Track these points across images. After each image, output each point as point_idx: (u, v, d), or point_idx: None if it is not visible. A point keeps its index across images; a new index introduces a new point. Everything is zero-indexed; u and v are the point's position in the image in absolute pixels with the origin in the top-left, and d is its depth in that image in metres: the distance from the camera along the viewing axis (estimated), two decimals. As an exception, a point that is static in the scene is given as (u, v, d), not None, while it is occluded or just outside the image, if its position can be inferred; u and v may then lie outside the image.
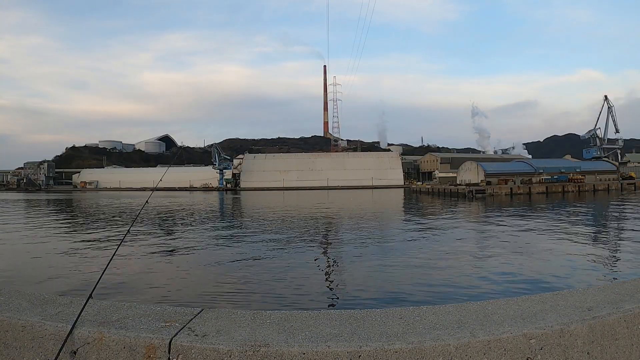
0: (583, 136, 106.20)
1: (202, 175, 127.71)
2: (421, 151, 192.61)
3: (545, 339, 1.86)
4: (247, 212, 37.81)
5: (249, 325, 1.99)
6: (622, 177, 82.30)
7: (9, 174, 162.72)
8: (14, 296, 2.43)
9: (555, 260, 11.88)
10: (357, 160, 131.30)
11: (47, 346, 1.98)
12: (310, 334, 1.88)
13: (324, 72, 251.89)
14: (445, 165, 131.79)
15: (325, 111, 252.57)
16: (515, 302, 2.23)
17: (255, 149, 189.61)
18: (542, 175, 74.12)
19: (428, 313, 2.12)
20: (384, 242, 16.68)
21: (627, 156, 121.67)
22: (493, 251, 13.47)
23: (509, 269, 10.69)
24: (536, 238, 16.51)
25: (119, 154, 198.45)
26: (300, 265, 11.75)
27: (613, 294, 2.31)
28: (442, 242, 15.87)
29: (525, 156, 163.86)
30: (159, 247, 15.66)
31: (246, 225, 24.60)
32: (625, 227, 20.74)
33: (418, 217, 29.20)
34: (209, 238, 18.07)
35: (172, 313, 2.17)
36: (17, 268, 11.82)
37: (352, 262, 12.14)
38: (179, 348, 1.81)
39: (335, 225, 24.20)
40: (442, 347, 1.77)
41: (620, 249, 14.37)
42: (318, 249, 15.35)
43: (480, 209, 34.63)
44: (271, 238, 17.61)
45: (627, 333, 2.03)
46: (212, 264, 12.09)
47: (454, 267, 11.03)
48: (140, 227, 22.16)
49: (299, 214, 31.21)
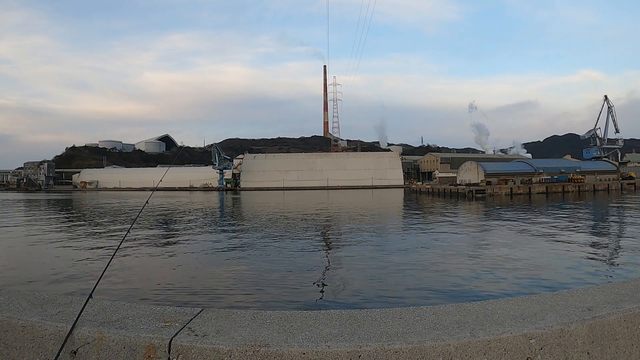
0: (583, 136, 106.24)
1: (202, 175, 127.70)
2: (421, 151, 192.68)
3: (545, 339, 1.86)
4: (247, 212, 37.81)
5: (249, 325, 1.99)
6: (622, 177, 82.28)
7: (9, 174, 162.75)
8: (14, 296, 2.43)
9: (556, 260, 11.88)
10: (357, 160, 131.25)
11: (47, 346, 1.98)
12: (310, 334, 1.88)
13: (324, 72, 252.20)
14: (445, 165, 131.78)
15: (325, 111, 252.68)
16: (515, 302, 2.23)
17: (255, 149, 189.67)
18: (542, 175, 74.14)
19: (428, 313, 2.12)
20: (384, 242, 16.68)
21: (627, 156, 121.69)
22: (493, 251, 13.47)
23: (509, 269, 10.69)
24: (536, 238, 16.51)
25: (119, 154, 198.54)
26: (300, 265, 11.75)
27: (613, 294, 2.31)
28: (443, 242, 15.87)
29: (525, 156, 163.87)
30: (159, 247, 15.66)
31: (246, 225, 24.59)
32: (625, 227, 20.74)
33: (418, 217, 29.20)
34: (208, 238, 18.06)
35: (172, 313, 2.17)
36: (16, 268, 11.82)
37: (352, 262, 12.13)
38: (179, 348, 1.81)
39: (335, 225, 24.19)
40: (442, 347, 1.77)
41: (620, 249, 14.37)
42: (318, 248, 15.35)
43: (480, 209, 34.63)
44: (271, 238, 17.61)
45: (627, 333, 2.03)
46: (212, 264, 12.09)
47: (454, 267, 11.03)
48: (140, 228, 22.16)
49: (299, 214, 31.21)
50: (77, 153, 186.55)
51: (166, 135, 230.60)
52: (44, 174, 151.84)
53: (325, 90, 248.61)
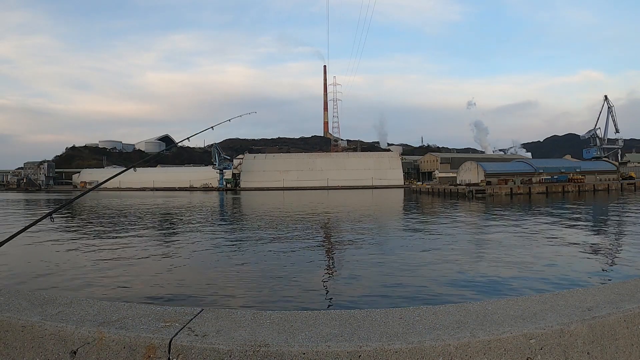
0: (583, 136, 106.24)
1: (202, 175, 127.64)
2: (421, 151, 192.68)
3: (545, 339, 1.86)
4: (247, 212, 37.81)
5: (249, 325, 1.99)
6: (622, 177, 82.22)
7: (9, 174, 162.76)
8: (14, 296, 2.42)
9: (556, 260, 11.88)
10: (357, 160, 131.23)
11: (47, 346, 1.98)
12: (310, 334, 1.87)
13: (324, 72, 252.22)
14: (445, 165, 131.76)
15: (325, 111, 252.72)
16: (515, 302, 2.23)
17: (255, 149, 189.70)
18: (542, 175, 74.11)
19: (428, 313, 2.11)
20: (383, 243, 16.68)
21: (627, 156, 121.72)
22: (493, 251, 13.47)
23: (509, 269, 10.69)
24: (536, 238, 16.50)
25: (119, 154, 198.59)
26: (300, 265, 11.74)
27: (613, 294, 2.31)
28: (442, 242, 15.87)
29: (525, 156, 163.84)
30: (159, 247, 15.67)
31: (246, 225, 24.59)
32: (625, 227, 20.74)
33: (418, 217, 29.20)
34: (208, 238, 18.06)
35: (172, 313, 2.17)
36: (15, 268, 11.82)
37: (351, 263, 12.13)
38: (179, 348, 1.81)
39: (335, 225, 24.19)
40: (442, 347, 1.77)
41: (620, 249, 14.36)
42: (318, 249, 15.35)
43: (480, 209, 34.62)
44: (271, 238, 17.60)
45: (627, 333, 2.03)
46: (211, 265, 12.09)
47: (454, 268, 11.03)
48: (140, 228, 22.17)
49: (299, 214, 31.21)
50: (77, 153, 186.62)
51: (166, 135, 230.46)
52: (44, 174, 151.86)
53: (325, 90, 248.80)
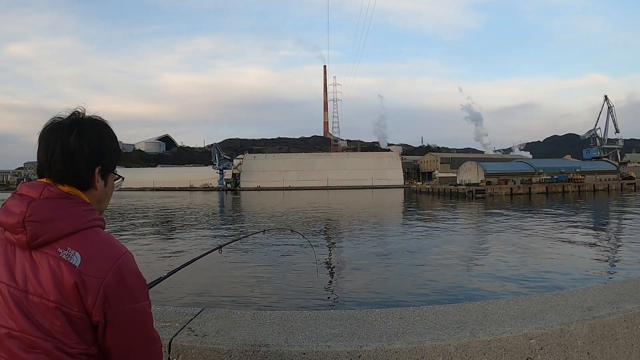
0: (583, 136, 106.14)
1: (202, 175, 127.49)
2: (421, 151, 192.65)
3: (545, 339, 1.86)
4: (247, 212, 37.80)
5: (249, 325, 1.99)
6: (622, 177, 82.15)
7: (9, 174, 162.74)
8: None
9: (556, 260, 11.88)
10: (357, 160, 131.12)
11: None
12: (310, 334, 1.87)
13: (324, 72, 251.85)
14: (445, 165, 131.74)
15: (325, 111, 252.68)
16: (515, 302, 2.22)
17: (255, 149, 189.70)
18: (542, 175, 74.06)
19: (428, 313, 2.11)
20: (383, 243, 16.68)
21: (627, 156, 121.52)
22: (493, 252, 13.47)
23: (509, 269, 10.69)
24: (536, 238, 16.51)
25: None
26: (300, 265, 11.74)
27: (613, 294, 2.31)
28: (442, 243, 15.87)
29: (526, 156, 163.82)
30: (159, 247, 15.66)
31: (246, 225, 24.59)
32: (625, 227, 20.74)
33: (418, 217, 29.19)
34: (208, 237, 18.06)
35: (172, 313, 2.17)
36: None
37: (352, 262, 12.13)
38: (179, 348, 1.81)
39: (335, 225, 24.19)
40: (442, 347, 1.77)
41: (620, 249, 14.36)
42: (318, 249, 15.35)
43: (480, 209, 34.61)
44: (271, 239, 17.60)
45: (627, 333, 2.03)
46: (211, 264, 12.08)
47: (453, 268, 11.03)
48: (140, 228, 22.17)
49: (299, 214, 31.20)
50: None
51: (166, 135, 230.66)
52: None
53: (325, 91, 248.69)
